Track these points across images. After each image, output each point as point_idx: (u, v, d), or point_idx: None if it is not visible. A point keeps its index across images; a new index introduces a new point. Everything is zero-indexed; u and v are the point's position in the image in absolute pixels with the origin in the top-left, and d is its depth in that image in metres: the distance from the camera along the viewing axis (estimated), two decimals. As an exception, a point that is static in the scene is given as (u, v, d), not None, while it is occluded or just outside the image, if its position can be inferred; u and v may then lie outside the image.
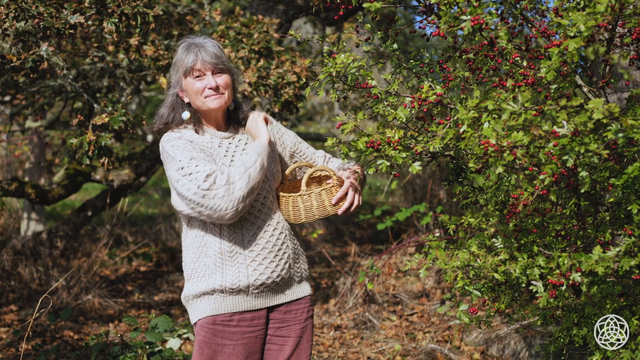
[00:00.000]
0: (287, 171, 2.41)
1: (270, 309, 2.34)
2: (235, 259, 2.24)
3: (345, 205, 2.29)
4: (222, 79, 2.27)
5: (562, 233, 2.19)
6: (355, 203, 2.31)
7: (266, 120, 2.37)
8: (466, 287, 2.11)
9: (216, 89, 2.25)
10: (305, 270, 2.43)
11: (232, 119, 2.39)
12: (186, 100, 2.31)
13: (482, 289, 2.39)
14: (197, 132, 2.31)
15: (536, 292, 2.01)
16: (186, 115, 2.30)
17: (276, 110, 4.51)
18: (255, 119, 2.33)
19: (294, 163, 2.45)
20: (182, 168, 2.17)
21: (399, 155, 2.06)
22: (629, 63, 2.06)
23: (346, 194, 2.30)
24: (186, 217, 2.30)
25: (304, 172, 2.49)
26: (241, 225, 2.25)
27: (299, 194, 2.29)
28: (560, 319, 2.44)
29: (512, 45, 2.08)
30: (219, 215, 2.14)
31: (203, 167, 2.15)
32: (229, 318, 2.25)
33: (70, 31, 3.12)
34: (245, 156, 2.21)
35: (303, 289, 2.41)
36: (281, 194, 2.33)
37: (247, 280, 2.24)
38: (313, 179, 2.48)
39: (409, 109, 2.18)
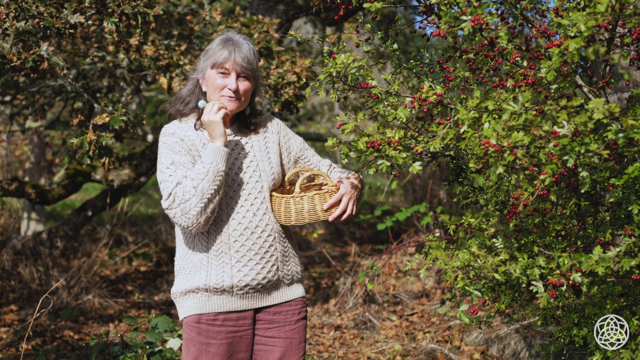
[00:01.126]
0: (288, 175, 2.41)
1: (258, 310, 2.33)
2: (220, 259, 2.25)
3: (336, 212, 2.27)
4: (244, 85, 2.27)
5: (563, 233, 2.19)
6: (348, 212, 2.28)
7: (225, 118, 2.28)
8: (466, 287, 2.11)
9: (235, 92, 2.25)
10: (297, 273, 2.41)
11: (242, 121, 2.38)
12: (204, 89, 2.32)
13: (483, 289, 2.39)
14: (197, 127, 2.31)
15: (536, 292, 2.01)
16: (202, 103, 2.31)
17: (276, 110, 4.51)
18: (211, 115, 2.20)
19: (296, 168, 2.44)
20: (161, 172, 2.23)
21: (399, 155, 2.06)
22: (629, 63, 2.06)
23: (339, 201, 2.28)
24: None
25: (308, 177, 2.49)
26: (229, 225, 2.25)
27: (291, 195, 2.28)
28: (561, 319, 2.44)
29: (512, 45, 2.08)
30: (185, 229, 2.20)
31: (173, 179, 2.18)
32: (214, 317, 2.26)
33: (71, 31, 3.12)
34: (198, 167, 2.17)
35: (294, 291, 2.39)
36: (274, 194, 2.32)
37: (230, 281, 2.24)
38: (314, 186, 2.47)
39: (409, 109, 2.18)
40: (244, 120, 2.38)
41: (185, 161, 2.22)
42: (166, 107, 2.39)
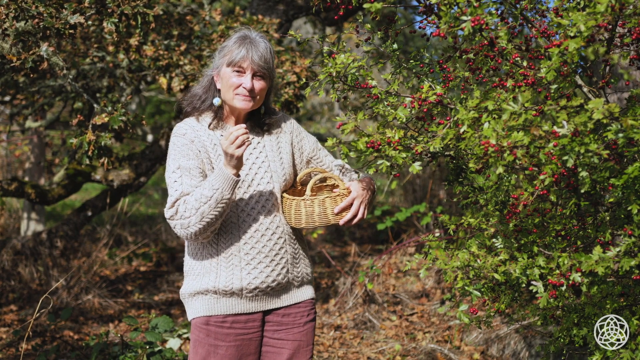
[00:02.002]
0: (299, 176, 2.37)
1: (267, 312, 2.31)
2: (230, 261, 2.23)
3: (347, 216, 2.23)
4: (259, 84, 2.24)
5: (562, 233, 2.19)
6: (359, 216, 2.25)
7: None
8: (466, 287, 2.11)
9: (250, 91, 2.22)
10: (307, 274, 2.38)
11: (256, 120, 2.36)
12: (218, 86, 2.29)
13: (482, 289, 2.39)
14: (210, 125, 2.29)
15: (536, 292, 2.01)
16: (217, 101, 2.29)
17: (276, 109, 4.51)
18: (232, 147, 2.08)
19: (308, 168, 2.41)
20: (168, 174, 2.22)
21: (399, 155, 2.06)
22: (629, 63, 2.06)
23: (351, 205, 2.24)
24: None
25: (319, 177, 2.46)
26: (239, 227, 2.23)
27: (302, 198, 2.24)
28: (560, 319, 2.44)
29: (512, 45, 2.08)
30: (184, 239, 2.23)
31: (178, 186, 2.17)
32: (223, 319, 2.24)
33: (70, 31, 3.12)
34: (205, 188, 2.12)
35: (303, 293, 2.37)
36: (285, 195, 2.29)
37: (240, 283, 2.22)
38: (325, 186, 2.45)
39: (409, 109, 2.18)
40: (258, 119, 2.36)
41: (191, 166, 2.19)
42: (183, 104, 2.36)
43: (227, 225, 2.23)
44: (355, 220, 2.26)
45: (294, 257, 2.32)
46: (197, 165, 2.21)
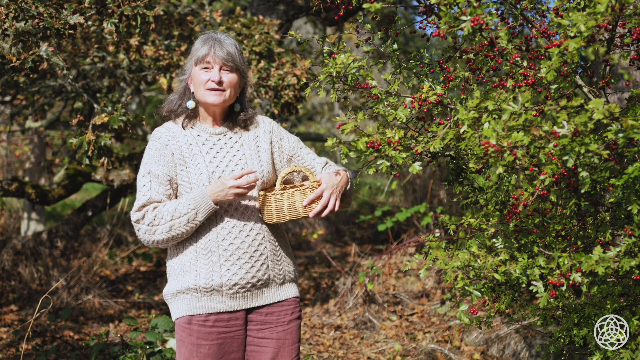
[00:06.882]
0: (281, 175, 2.34)
1: (250, 311, 2.32)
2: (209, 257, 2.25)
3: (317, 208, 2.20)
4: (228, 77, 2.29)
5: (563, 233, 2.19)
6: (330, 207, 2.22)
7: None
8: (466, 288, 2.11)
9: (219, 83, 2.28)
10: (289, 272, 2.39)
11: (234, 119, 2.40)
12: (192, 89, 2.36)
13: (483, 289, 2.39)
14: (184, 126, 2.34)
15: (536, 292, 2.01)
16: (191, 104, 2.35)
17: (276, 111, 4.52)
18: (233, 178, 2.21)
19: (289, 167, 2.41)
20: (138, 177, 2.29)
21: (399, 155, 2.06)
22: (629, 63, 2.06)
23: (320, 196, 2.22)
24: None
25: (302, 176, 2.45)
26: (217, 224, 2.26)
27: (272, 192, 2.24)
28: (561, 319, 2.44)
29: (512, 45, 2.08)
30: (142, 242, 2.30)
31: (147, 191, 2.24)
32: (205, 318, 2.26)
33: (70, 31, 3.13)
34: (181, 204, 2.21)
35: (286, 291, 2.37)
36: (260, 192, 2.29)
37: (220, 280, 2.24)
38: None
39: (409, 109, 2.18)
40: (235, 117, 2.40)
41: (160, 173, 2.26)
42: (162, 111, 2.42)
43: (206, 223, 2.26)
44: (326, 212, 2.22)
45: (274, 254, 2.33)
46: (167, 173, 2.27)
